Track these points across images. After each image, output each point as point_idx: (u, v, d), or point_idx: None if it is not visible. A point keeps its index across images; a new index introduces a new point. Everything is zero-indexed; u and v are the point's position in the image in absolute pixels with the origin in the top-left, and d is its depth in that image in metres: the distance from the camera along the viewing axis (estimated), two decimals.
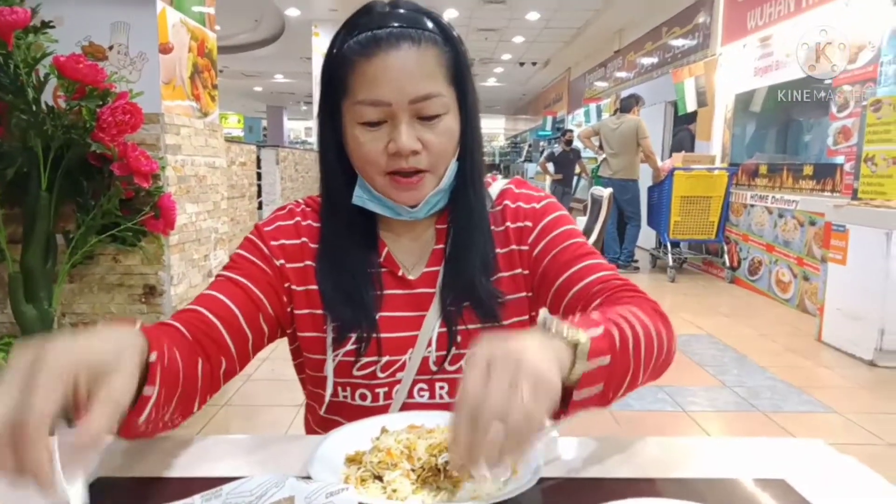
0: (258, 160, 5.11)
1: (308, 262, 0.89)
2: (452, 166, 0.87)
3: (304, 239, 0.90)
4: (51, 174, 2.17)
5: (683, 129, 7.37)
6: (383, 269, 0.90)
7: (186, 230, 2.75)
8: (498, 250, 0.92)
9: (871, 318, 3.55)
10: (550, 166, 9.46)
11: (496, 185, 0.98)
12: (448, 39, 0.83)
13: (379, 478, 0.64)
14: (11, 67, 2.04)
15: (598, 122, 8.37)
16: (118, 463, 0.71)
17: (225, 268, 0.88)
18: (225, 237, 3.20)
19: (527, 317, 0.94)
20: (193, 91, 2.79)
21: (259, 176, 5.19)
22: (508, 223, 0.94)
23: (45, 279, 2.27)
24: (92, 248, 2.37)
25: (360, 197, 0.87)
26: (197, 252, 2.86)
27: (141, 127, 2.26)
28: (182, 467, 0.71)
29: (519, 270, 0.93)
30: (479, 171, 0.91)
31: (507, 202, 0.95)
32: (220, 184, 3.11)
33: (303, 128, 25.08)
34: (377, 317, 0.87)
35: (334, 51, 0.82)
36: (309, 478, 0.62)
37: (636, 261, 6.75)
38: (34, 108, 2.09)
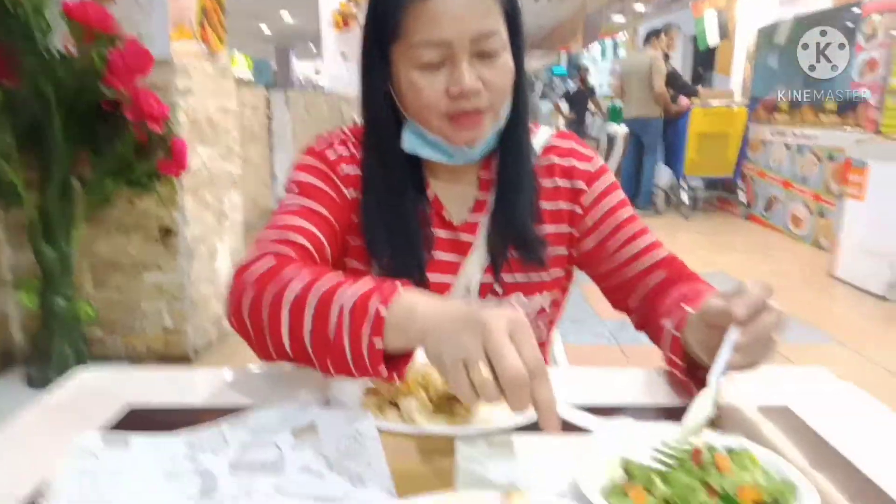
0: (268, 102, 5.06)
1: (356, 194, 0.88)
2: (507, 104, 0.85)
3: (357, 170, 0.89)
4: (65, 120, 2.18)
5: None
6: (430, 210, 0.89)
7: (199, 174, 2.76)
8: (544, 203, 0.91)
9: (886, 253, 3.53)
10: (564, 105, 9.29)
11: (540, 134, 0.95)
12: None
13: (396, 405, 0.67)
14: (19, 12, 2.02)
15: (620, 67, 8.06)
16: (147, 394, 0.75)
17: (300, 192, 0.85)
18: (238, 180, 3.21)
19: (563, 271, 0.95)
20: (202, 33, 2.75)
21: (269, 118, 5.14)
22: (558, 179, 0.92)
23: (64, 222, 2.30)
24: (108, 192, 2.40)
25: (411, 142, 0.85)
26: (210, 194, 2.89)
27: (151, 70, 2.24)
28: (208, 397, 0.74)
29: (566, 228, 0.93)
30: (528, 109, 0.89)
31: (554, 157, 0.93)
32: (231, 127, 3.10)
33: (312, 69, 24.60)
34: (423, 255, 0.87)
35: None
36: (329, 405, 0.65)
37: (655, 204, 6.34)
38: (44, 53, 2.08)
